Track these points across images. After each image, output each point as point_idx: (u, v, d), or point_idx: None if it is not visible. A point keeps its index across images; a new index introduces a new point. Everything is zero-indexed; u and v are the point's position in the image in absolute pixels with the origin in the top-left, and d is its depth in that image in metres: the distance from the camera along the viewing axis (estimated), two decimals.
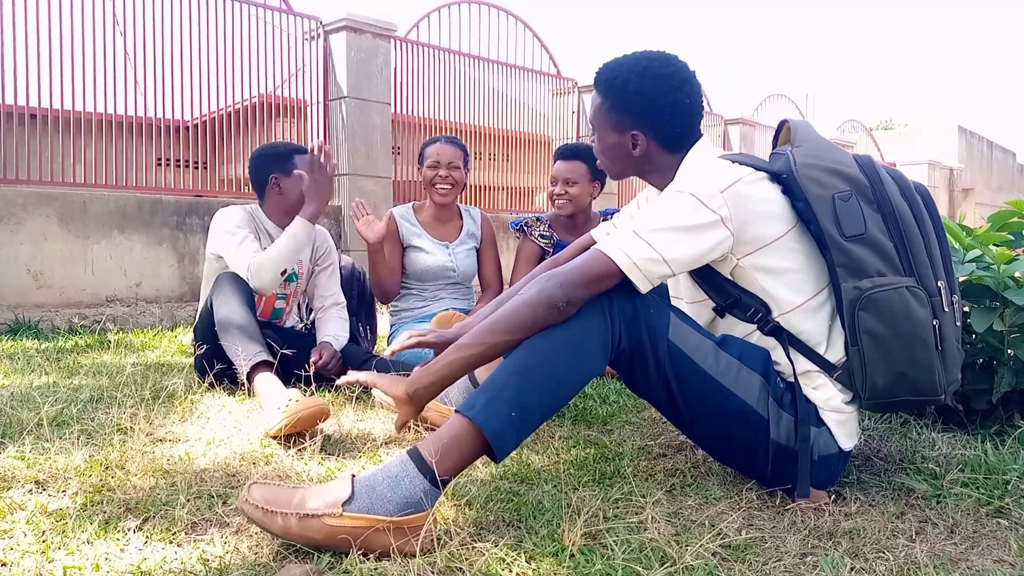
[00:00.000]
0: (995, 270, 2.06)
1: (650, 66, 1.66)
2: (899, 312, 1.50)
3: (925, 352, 1.52)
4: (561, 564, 1.28)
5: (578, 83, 8.41)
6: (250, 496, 1.33)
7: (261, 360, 2.27)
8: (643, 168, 1.74)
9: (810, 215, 1.54)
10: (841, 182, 1.55)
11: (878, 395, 1.55)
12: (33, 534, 1.37)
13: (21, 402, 2.28)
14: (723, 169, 1.54)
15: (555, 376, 1.43)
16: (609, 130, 1.72)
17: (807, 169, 1.55)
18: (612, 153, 1.75)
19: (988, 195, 18.50)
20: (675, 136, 1.68)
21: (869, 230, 1.52)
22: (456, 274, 3.09)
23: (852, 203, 1.53)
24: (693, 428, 1.66)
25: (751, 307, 1.59)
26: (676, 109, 1.66)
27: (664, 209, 1.52)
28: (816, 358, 1.58)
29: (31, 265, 4.46)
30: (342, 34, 6.03)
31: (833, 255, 1.52)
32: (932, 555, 1.36)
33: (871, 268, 1.51)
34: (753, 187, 1.54)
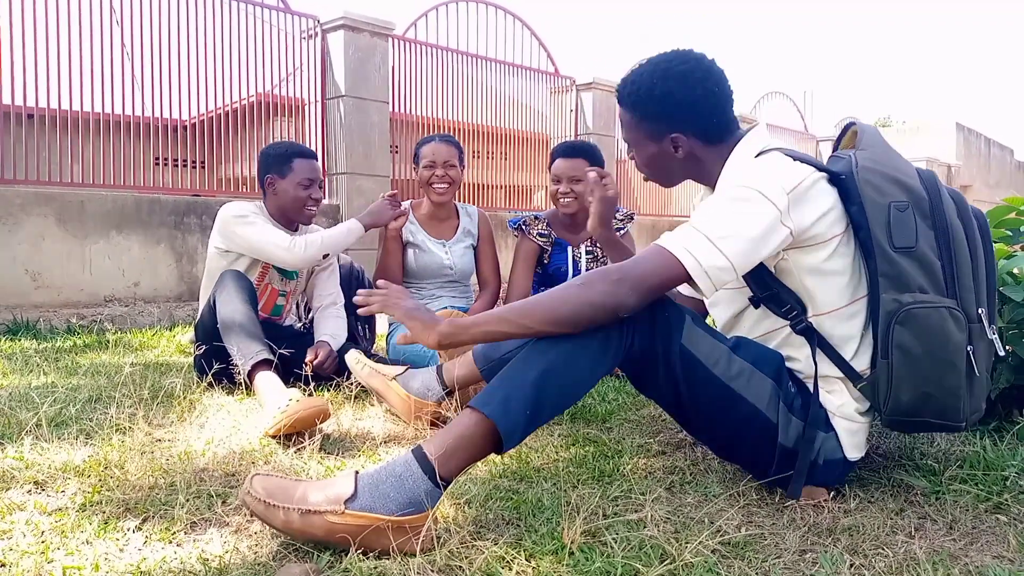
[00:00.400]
0: None
1: (669, 67, 1.64)
2: (936, 331, 1.47)
3: (954, 376, 1.49)
4: (561, 562, 1.28)
5: (576, 81, 8.41)
6: (252, 488, 1.33)
7: (262, 359, 2.27)
8: (693, 169, 1.71)
9: (862, 221, 1.51)
10: (900, 191, 1.53)
11: (900, 412, 1.52)
12: (32, 534, 1.37)
13: (20, 402, 2.28)
14: (788, 169, 1.51)
15: (572, 377, 1.42)
16: (647, 141, 1.70)
17: (868, 173, 1.53)
18: (657, 163, 1.72)
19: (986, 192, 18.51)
20: (714, 127, 1.65)
21: (919, 244, 1.50)
22: (453, 272, 3.09)
23: (907, 214, 1.50)
24: (698, 428, 1.66)
25: (788, 303, 1.58)
26: (706, 101, 1.63)
27: (734, 211, 1.46)
28: (843, 364, 1.57)
29: (29, 265, 4.45)
30: (340, 33, 6.03)
31: (878, 264, 1.49)
32: (931, 551, 1.37)
33: (914, 283, 1.48)
34: (814, 188, 1.52)
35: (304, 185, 2.73)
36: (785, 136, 11.98)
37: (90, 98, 4.88)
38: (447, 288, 3.12)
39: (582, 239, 3.20)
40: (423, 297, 3.09)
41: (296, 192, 2.73)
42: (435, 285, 3.10)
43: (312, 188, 2.75)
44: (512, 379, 1.39)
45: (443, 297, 3.10)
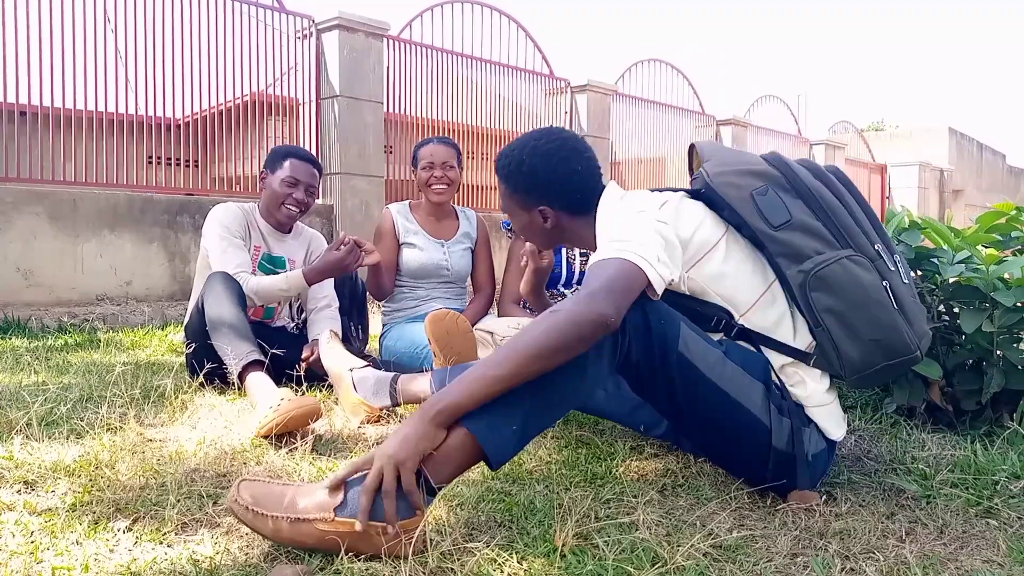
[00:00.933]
0: (984, 271, 2.07)
1: (537, 145, 1.76)
2: (847, 282, 1.53)
3: (885, 314, 1.54)
4: (552, 564, 1.28)
5: (571, 83, 8.42)
6: (240, 496, 1.31)
7: (252, 359, 2.27)
8: (563, 236, 1.83)
9: (737, 218, 1.61)
10: (754, 179, 1.63)
11: (857, 368, 1.56)
12: (22, 534, 1.36)
13: (10, 401, 2.27)
14: (651, 196, 1.65)
15: (565, 391, 1.40)
16: (519, 211, 1.82)
17: (719, 177, 1.64)
18: (529, 231, 1.85)
19: (978, 196, 18.59)
20: (577, 201, 1.77)
21: (795, 216, 1.58)
22: (450, 273, 3.09)
23: (770, 195, 1.61)
24: (694, 433, 1.67)
25: (713, 316, 1.62)
26: (569, 178, 1.75)
27: (626, 222, 1.54)
28: (788, 350, 1.61)
29: (21, 264, 4.44)
30: (335, 33, 6.02)
31: (769, 248, 1.58)
32: (922, 555, 1.37)
33: (808, 250, 1.56)
34: (681, 204, 1.64)
35: (288, 183, 2.76)
36: (779, 140, 12.02)
37: (83, 96, 4.87)
38: (442, 289, 3.12)
39: None
40: (418, 298, 3.08)
41: (279, 188, 2.77)
42: (431, 285, 3.09)
43: (296, 189, 2.77)
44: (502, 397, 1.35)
45: (438, 299, 3.10)
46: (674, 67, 10.20)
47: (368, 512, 1.27)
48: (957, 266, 2.11)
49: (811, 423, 1.61)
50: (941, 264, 2.15)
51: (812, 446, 1.59)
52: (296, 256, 2.91)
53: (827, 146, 12.91)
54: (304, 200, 2.80)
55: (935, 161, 16.96)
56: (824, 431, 1.62)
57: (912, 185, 15.70)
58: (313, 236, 3.03)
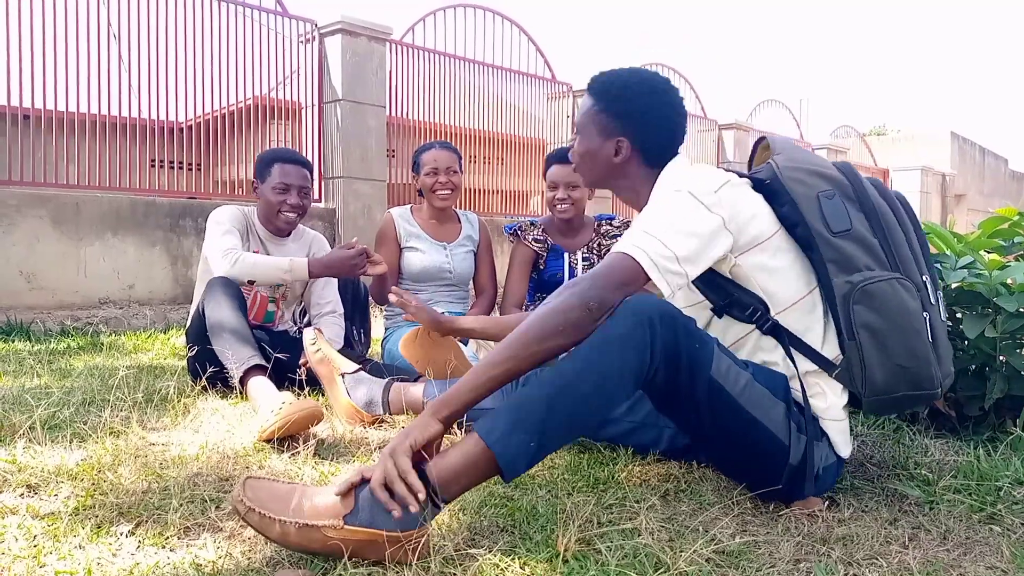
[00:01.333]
0: (987, 276, 2.07)
1: (648, 79, 1.71)
2: (892, 303, 1.52)
3: (920, 343, 1.53)
4: (555, 570, 1.28)
5: (573, 87, 8.43)
6: (245, 496, 1.29)
7: (254, 364, 2.27)
8: (618, 178, 1.76)
9: (796, 216, 1.57)
10: (823, 182, 1.60)
11: (878, 391, 1.54)
12: (25, 538, 1.36)
13: (13, 405, 2.27)
14: (713, 171, 1.60)
15: (583, 409, 1.37)
16: (595, 134, 1.74)
17: (791, 171, 1.60)
18: (592, 157, 1.76)
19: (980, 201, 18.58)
20: (657, 149, 1.72)
21: (855, 226, 1.56)
22: (452, 275, 3.09)
23: (836, 201, 1.58)
24: (711, 447, 1.65)
25: (749, 305, 1.59)
26: (665, 124, 1.71)
27: (668, 209, 1.52)
28: (815, 356, 1.59)
29: (24, 267, 4.44)
30: (337, 37, 6.03)
31: (822, 251, 1.55)
32: (925, 562, 1.37)
33: (860, 263, 1.54)
34: (740, 189, 1.59)
35: (279, 189, 2.75)
36: None
37: (86, 100, 4.88)
38: (444, 292, 3.12)
39: (578, 245, 3.20)
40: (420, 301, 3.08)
41: (271, 196, 2.76)
42: (433, 289, 3.10)
43: (288, 194, 2.75)
44: (520, 408, 1.34)
45: (440, 302, 3.10)
46: (676, 71, 10.21)
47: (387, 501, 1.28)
48: (960, 271, 2.11)
49: (824, 437, 1.59)
50: (944, 269, 2.15)
51: (822, 460, 1.58)
52: None
53: (829, 150, 12.92)
54: (299, 203, 2.78)
55: (937, 166, 16.95)
56: (835, 445, 1.60)
57: (914, 190, 15.69)
58: (315, 238, 3.02)
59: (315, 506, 1.30)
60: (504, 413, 1.34)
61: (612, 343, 1.38)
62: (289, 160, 2.80)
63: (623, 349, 1.38)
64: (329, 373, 2.26)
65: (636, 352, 1.38)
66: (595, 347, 1.38)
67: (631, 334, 1.38)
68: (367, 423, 2.21)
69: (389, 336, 3.04)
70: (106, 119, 4.98)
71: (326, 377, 2.28)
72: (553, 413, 1.33)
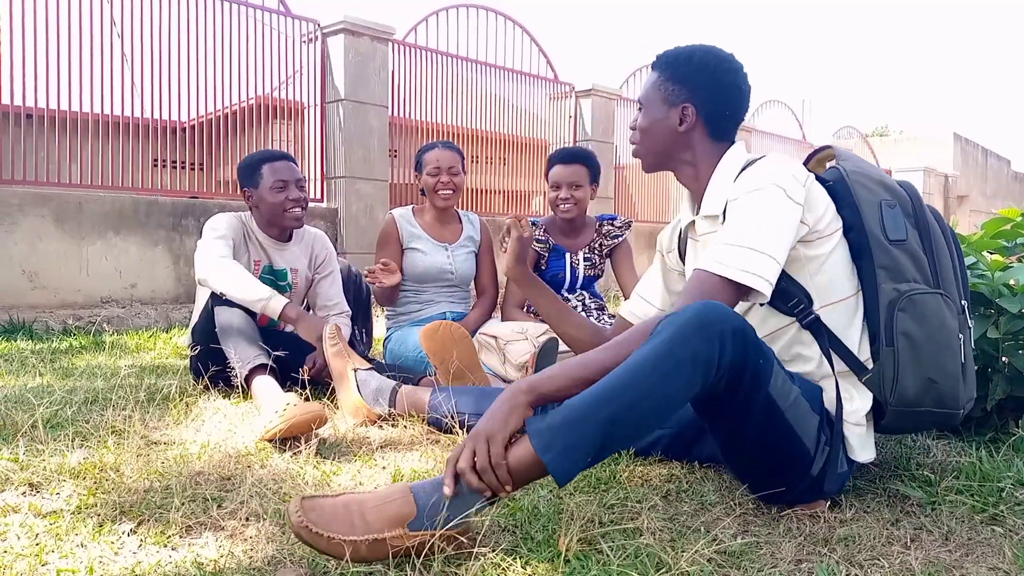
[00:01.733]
0: (989, 277, 2.06)
1: (714, 49, 1.72)
2: (935, 316, 1.54)
3: (953, 361, 1.55)
4: (557, 569, 1.28)
5: (575, 87, 8.43)
6: (309, 521, 1.26)
7: (259, 363, 2.27)
8: (681, 152, 1.73)
9: (855, 219, 1.60)
10: (886, 192, 1.64)
11: (905, 401, 1.54)
12: (27, 537, 1.36)
13: (15, 404, 2.28)
14: (795, 167, 1.59)
15: (642, 427, 1.35)
16: (660, 103, 1.72)
17: (857, 176, 1.64)
18: (656, 129, 1.73)
19: (983, 202, 18.56)
20: (723, 120, 1.70)
21: (909, 239, 1.60)
22: (454, 276, 3.09)
23: (896, 211, 1.61)
24: (737, 452, 1.61)
25: (794, 296, 1.59)
26: (730, 92, 1.69)
27: (769, 215, 1.51)
28: (850, 358, 1.60)
29: (26, 266, 4.45)
30: (340, 37, 6.04)
31: (876, 256, 1.57)
32: (927, 562, 1.37)
33: (909, 274, 1.57)
34: (815, 184, 1.61)
35: (278, 188, 2.69)
36: (783, 145, 12.01)
37: (89, 99, 4.88)
38: (446, 293, 3.12)
39: (580, 245, 3.20)
40: (422, 302, 3.09)
41: (272, 198, 2.69)
42: (435, 289, 3.10)
43: (288, 189, 2.70)
44: (581, 425, 1.29)
45: (442, 302, 3.10)
46: None
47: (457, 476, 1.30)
48: None
49: (842, 447, 1.59)
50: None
51: (839, 467, 1.58)
52: (299, 264, 2.87)
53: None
54: (301, 196, 2.73)
55: (940, 167, 16.94)
56: (851, 449, 1.60)
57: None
58: (316, 238, 2.96)
59: (378, 517, 1.29)
60: (563, 431, 1.29)
61: (684, 365, 1.32)
62: (277, 157, 2.74)
63: (693, 371, 1.33)
64: (343, 367, 2.26)
65: (703, 372, 1.34)
66: (663, 365, 1.32)
67: (700, 353, 1.33)
68: (371, 422, 2.21)
69: (391, 336, 3.04)
70: (109, 118, 4.98)
71: (339, 371, 2.27)
72: (612, 433, 1.30)
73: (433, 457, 1.95)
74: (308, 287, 2.93)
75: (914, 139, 18.87)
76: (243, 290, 2.46)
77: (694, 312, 1.36)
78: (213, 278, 2.49)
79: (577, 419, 1.29)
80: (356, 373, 2.24)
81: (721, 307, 1.38)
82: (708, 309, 1.36)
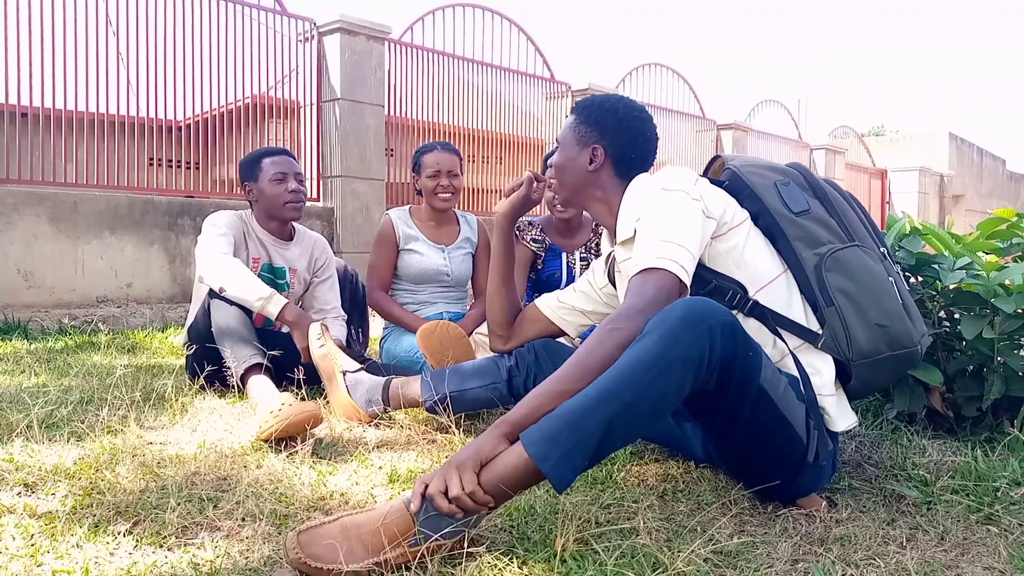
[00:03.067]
0: (984, 278, 2.07)
1: (625, 98, 1.85)
2: (859, 266, 1.62)
3: (892, 302, 1.61)
4: (553, 569, 1.28)
5: (571, 87, 8.43)
6: (307, 556, 1.25)
7: (255, 363, 2.27)
8: (592, 189, 1.83)
9: (758, 206, 1.70)
10: (777, 174, 1.75)
11: (864, 352, 1.60)
12: (22, 537, 1.36)
13: (10, 403, 2.27)
14: (681, 170, 1.70)
15: (638, 427, 1.37)
16: (572, 143, 1.84)
17: (746, 167, 1.75)
18: (568, 167, 1.84)
19: (978, 202, 18.60)
20: (628, 161, 1.81)
21: (812, 208, 1.69)
22: (450, 278, 3.09)
23: (792, 187, 1.72)
24: (731, 448, 1.62)
25: (729, 289, 1.64)
26: (638, 137, 1.81)
27: (670, 210, 1.59)
28: (800, 330, 1.63)
29: (21, 265, 4.44)
30: (336, 36, 6.03)
31: (788, 231, 1.66)
32: (922, 562, 1.37)
33: (823, 238, 1.65)
34: (709, 185, 1.71)
35: (277, 179, 2.73)
36: (780, 144, 12.03)
37: (84, 98, 4.87)
38: (442, 293, 3.12)
39: (576, 245, 3.20)
40: (419, 302, 3.08)
41: (271, 189, 2.73)
42: (431, 290, 3.10)
43: (287, 180, 2.74)
44: (578, 429, 1.29)
45: (438, 303, 3.10)
46: (675, 71, 10.22)
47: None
48: (958, 272, 2.12)
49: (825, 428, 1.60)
50: (942, 270, 2.15)
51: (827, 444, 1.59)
52: (298, 264, 2.87)
53: (827, 151, 12.93)
54: (300, 189, 2.77)
55: (935, 166, 16.97)
56: (830, 421, 1.62)
57: (912, 190, 15.71)
58: (316, 241, 2.96)
59: (377, 540, 1.28)
60: (560, 438, 1.29)
61: (675, 364, 1.33)
62: (276, 152, 2.81)
63: (685, 368, 1.34)
64: (330, 369, 2.26)
65: (696, 369, 1.35)
66: (655, 364, 1.32)
67: (691, 350, 1.34)
68: (364, 421, 2.21)
69: (387, 335, 3.04)
70: (104, 117, 4.97)
71: (327, 372, 2.27)
72: (610, 436, 1.31)
73: (430, 457, 1.95)
74: (305, 289, 2.93)
75: (910, 139, 18.90)
76: (243, 288, 2.44)
77: (682, 309, 1.38)
78: (213, 274, 2.48)
79: (574, 424, 1.30)
80: (345, 376, 2.23)
81: (708, 303, 1.40)
82: (696, 305, 1.39)
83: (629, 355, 1.35)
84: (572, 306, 2.06)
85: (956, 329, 2.18)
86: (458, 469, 1.31)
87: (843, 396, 1.69)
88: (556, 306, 2.08)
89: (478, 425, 2.28)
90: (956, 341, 2.20)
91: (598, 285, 2.01)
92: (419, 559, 1.29)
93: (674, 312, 1.38)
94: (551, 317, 2.08)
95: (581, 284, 2.06)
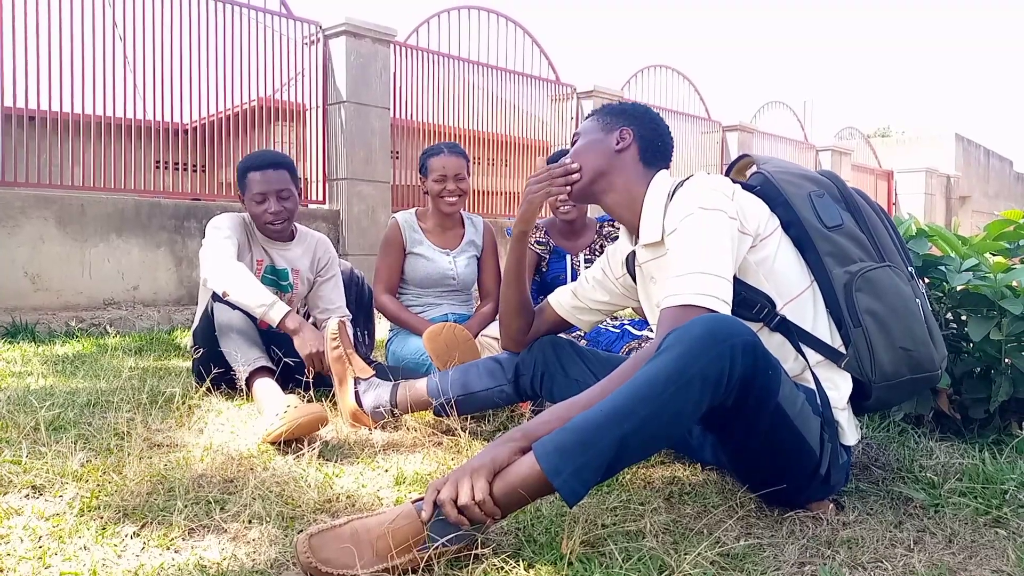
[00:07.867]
0: (992, 279, 2.06)
1: (640, 103, 1.91)
2: (890, 288, 1.60)
3: (919, 326, 1.60)
4: (559, 572, 1.28)
5: (577, 89, 8.43)
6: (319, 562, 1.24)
7: (260, 365, 2.27)
8: (613, 175, 1.77)
9: (790, 215, 1.66)
10: (811, 184, 1.70)
11: (886, 375, 1.58)
12: (30, 540, 1.36)
13: (18, 406, 2.28)
14: (719, 182, 1.63)
15: (652, 445, 1.36)
16: (597, 130, 1.82)
17: (781, 175, 1.71)
18: (593, 148, 1.80)
19: (985, 203, 18.53)
20: (655, 148, 1.79)
21: (845, 222, 1.66)
22: (456, 282, 3.09)
23: (826, 199, 1.68)
24: (745, 459, 1.62)
25: (756, 302, 1.61)
26: (661, 128, 1.82)
27: (710, 237, 1.52)
28: (824, 348, 1.61)
29: (29, 268, 4.45)
30: (342, 39, 6.04)
31: (819, 245, 1.63)
32: (930, 565, 1.36)
33: (854, 255, 1.63)
34: (744, 193, 1.66)
35: (256, 200, 2.67)
36: (785, 146, 12.01)
37: (91, 101, 4.88)
38: (448, 296, 3.12)
39: (580, 247, 3.20)
40: (424, 304, 3.09)
41: (253, 208, 2.69)
42: (435, 294, 3.10)
43: (267, 203, 2.66)
44: (591, 446, 1.28)
45: (443, 305, 3.10)
46: (680, 73, 10.21)
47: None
48: (965, 274, 2.11)
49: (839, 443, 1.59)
50: (949, 272, 2.14)
51: (840, 457, 1.59)
52: (300, 265, 2.86)
53: (833, 152, 12.89)
54: (280, 209, 2.67)
55: (942, 167, 16.92)
56: (843, 435, 1.62)
57: (919, 191, 15.66)
58: (318, 241, 2.95)
59: (386, 544, 1.28)
60: (573, 453, 1.28)
61: (694, 382, 1.30)
62: (260, 166, 2.68)
63: (703, 388, 1.31)
64: (343, 372, 2.24)
65: (714, 388, 1.33)
66: (673, 382, 1.30)
67: (711, 370, 1.31)
68: (371, 428, 2.21)
69: (393, 338, 3.04)
70: (111, 120, 4.99)
71: (339, 375, 2.26)
72: (623, 452, 1.30)
73: (436, 459, 1.95)
74: (309, 289, 2.93)
75: (916, 140, 18.84)
76: (246, 294, 2.44)
77: (704, 327, 1.34)
78: (217, 279, 2.47)
79: (588, 440, 1.28)
80: (357, 383, 2.22)
81: (731, 320, 1.37)
82: (718, 323, 1.35)
83: (647, 371, 1.32)
84: (587, 304, 2.01)
85: (963, 331, 2.17)
86: (471, 476, 1.31)
87: (851, 412, 1.66)
88: (571, 305, 2.04)
89: (484, 427, 2.28)
90: (963, 343, 2.19)
91: (615, 275, 1.97)
92: (426, 562, 1.29)
93: (695, 329, 1.34)
94: (566, 316, 2.05)
95: (595, 272, 2.01)
